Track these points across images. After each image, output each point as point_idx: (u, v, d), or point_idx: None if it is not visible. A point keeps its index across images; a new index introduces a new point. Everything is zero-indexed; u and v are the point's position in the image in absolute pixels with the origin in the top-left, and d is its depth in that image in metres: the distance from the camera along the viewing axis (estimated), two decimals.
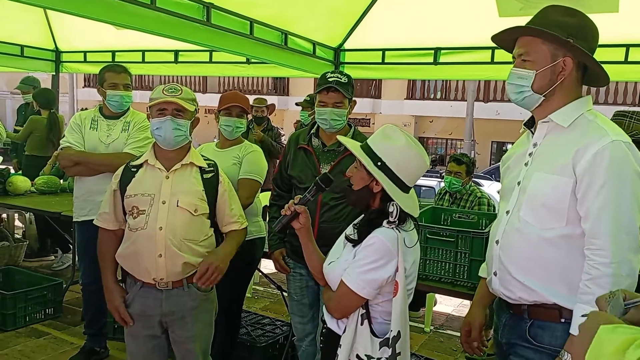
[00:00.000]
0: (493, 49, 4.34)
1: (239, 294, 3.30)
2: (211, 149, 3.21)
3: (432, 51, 4.62)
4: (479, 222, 3.41)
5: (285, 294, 3.37)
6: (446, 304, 5.29)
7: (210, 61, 5.64)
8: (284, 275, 2.97)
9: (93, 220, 2.51)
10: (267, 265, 4.50)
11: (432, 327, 4.69)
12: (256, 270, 3.75)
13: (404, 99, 18.93)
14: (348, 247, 1.85)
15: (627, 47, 3.85)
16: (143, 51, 5.82)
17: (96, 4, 2.95)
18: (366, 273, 1.74)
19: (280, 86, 20.43)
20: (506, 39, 1.86)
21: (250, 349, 3.51)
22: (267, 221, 3.09)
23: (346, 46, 5.04)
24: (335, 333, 1.86)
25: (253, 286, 5.48)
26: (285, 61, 4.57)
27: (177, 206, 2.29)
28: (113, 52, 5.97)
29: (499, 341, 1.92)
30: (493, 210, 4.40)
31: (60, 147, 3.52)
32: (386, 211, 1.77)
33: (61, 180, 5.23)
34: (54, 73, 6.51)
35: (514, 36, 1.82)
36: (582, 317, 1.57)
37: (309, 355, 2.91)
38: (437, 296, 4.87)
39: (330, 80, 2.66)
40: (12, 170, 5.77)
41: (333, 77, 2.67)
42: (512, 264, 1.79)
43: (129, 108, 3.45)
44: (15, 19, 5.55)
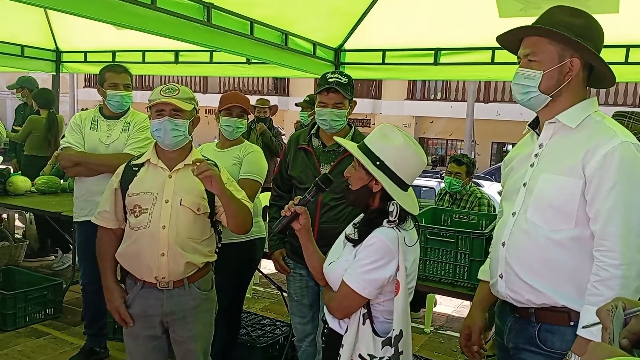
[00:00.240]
0: (493, 50, 4.34)
1: (239, 294, 3.30)
2: (211, 149, 3.21)
3: (433, 52, 4.62)
4: (479, 223, 3.41)
5: (285, 295, 3.37)
6: (446, 305, 5.29)
7: (210, 61, 5.64)
8: (284, 275, 2.97)
9: (91, 220, 2.51)
10: (267, 265, 4.50)
11: (432, 328, 4.69)
12: (256, 270, 3.74)
13: (404, 100, 18.93)
14: (348, 247, 1.85)
15: (628, 48, 3.84)
16: (143, 51, 5.81)
17: (97, 4, 2.95)
18: (367, 273, 1.74)
19: (280, 86, 20.43)
20: (511, 39, 1.85)
21: (250, 350, 3.51)
22: (267, 221, 3.09)
23: (346, 46, 5.04)
24: (337, 333, 1.86)
25: (253, 286, 5.47)
26: (285, 61, 4.57)
27: (180, 205, 2.29)
28: (113, 52, 5.97)
29: (505, 345, 1.89)
30: (493, 211, 4.40)
31: (60, 148, 3.52)
32: (386, 210, 1.77)
33: (61, 180, 5.23)
34: (55, 73, 6.51)
35: (520, 36, 1.80)
36: (584, 329, 1.55)
37: (309, 355, 2.91)
38: (437, 297, 4.87)
39: (330, 80, 2.66)
40: (12, 170, 5.78)
41: (333, 78, 2.66)
42: (520, 266, 1.77)
43: (129, 108, 3.45)
44: (15, 19, 5.55)
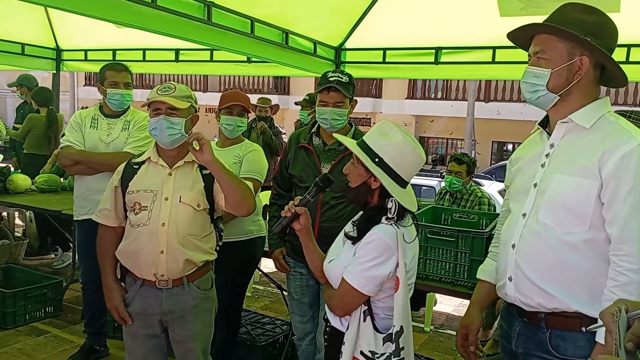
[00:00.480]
0: (494, 49, 4.34)
1: (239, 293, 3.30)
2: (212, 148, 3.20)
3: (433, 51, 4.61)
4: (480, 222, 3.41)
5: (285, 293, 3.37)
6: (446, 304, 5.29)
7: (211, 60, 5.63)
8: (284, 274, 2.97)
9: (92, 218, 2.51)
10: (267, 264, 4.50)
11: (432, 327, 4.69)
12: (256, 269, 3.74)
13: (405, 99, 18.94)
14: (348, 245, 1.86)
15: (629, 47, 3.83)
16: (144, 50, 5.81)
17: (97, 3, 2.95)
18: (367, 270, 1.74)
19: (280, 85, 20.43)
20: (522, 37, 1.81)
21: (250, 348, 3.51)
22: (267, 220, 3.09)
23: (347, 45, 5.04)
24: (339, 331, 1.87)
25: (253, 285, 5.47)
26: (286, 60, 4.57)
27: (180, 202, 2.29)
28: (114, 51, 5.96)
29: (513, 350, 1.85)
30: (494, 210, 4.40)
31: (60, 146, 3.52)
32: (385, 207, 1.77)
33: (61, 178, 5.24)
34: (55, 71, 6.50)
35: (530, 33, 1.78)
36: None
37: (309, 354, 2.91)
38: (437, 296, 4.87)
39: (331, 79, 2.65)
40: (12, 168, 5.78)
41: (334, 77, 2.66)
42: (531, 269, 1.72)
43: (130, 107, 3.45)
44: (16, 17, 5.55)
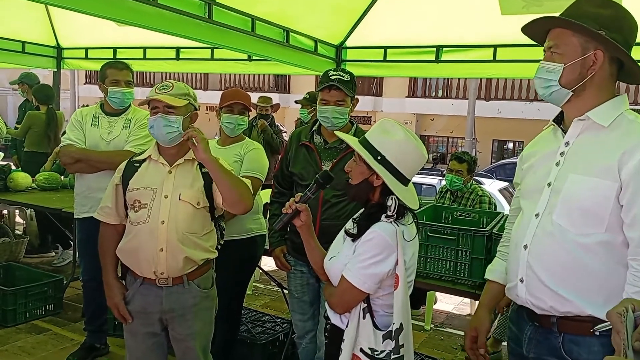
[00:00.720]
0: (495, 47, 4.33)
1: (240, 291, 3.30)
2: (212, 146, 3.17)
3: (434, 49, 4.61)
4: (480, 221, 3.41)
5: (285, 292, 3.37)
6: (446, 302, 5.29)
7: (211, 58, 5.64)
8: (285, 272, 2.97)
9: (93, 216, 2.51)
10: (268, 262, 4.50)
11: (433, 325, 4.69)
12: (257, 267, 3.75)
13: (406, 97, 18.94)
14: (348, 242, 1.86)
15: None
16: (144, 48, 5.81)
17: (98, 1, 2.95)
18: (367, 268, 1.75)
19: (281, 84, 20.41)
20: (538, 32, 1.75)
21: (250, 346, 3.51)
22: (268, 218, 3.09)
23: (348, 44, 5.03)
24: (339, 328, 1.87)
25: (253, 283, 5.48)
26: (286, 58, 4.57)
27: (180, 200, 2.29)
28: (114, 49, 5.97)
29: (524, 354, 1.80)
30: (494, 208, 4.40)
31: (61, 144, 3.52)
32: (385, 205, 1.77)
33: (62, 176, 5.24)
34: (55, 69, 6.51)
35: (544, 28, 1.72)
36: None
37: (309, 352, 2.91)
38: (438, 294, 4.87)
39: (332, 78, 2.65)
40: (13, 166, 5.78)
41: (335, 75, 2.66)
42: (545, 271, 1.66)
43: (131, 105, 3.45)
44: (16, 16, 5.56)
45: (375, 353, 1.77)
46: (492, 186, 8.64)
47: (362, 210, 1.92)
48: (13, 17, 5.52)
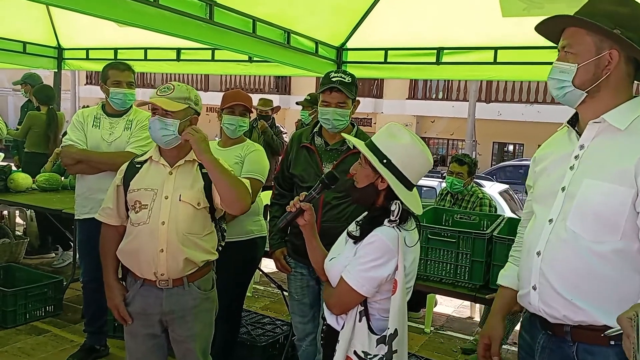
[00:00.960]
0: (496, 50, 4.34)
1: (240, 293, 3.29)
2: (213, 148, 3.16)
3: (435, 51, 4.62)
4: (481, 223, 3.41)
5: (285, 294, 3.37)
6: (447, 305, 5.28)
7: (212, 59, 5.64)
8: (285, 274, 2.96)
9: (94, 217, 2.51)
10: (268, 264, 4.49)
11: (433, 328, 4.68)
12: (257, 269, 3.74)
13: (406, 99, 18.94)
14: (349, 244, 1.86)
15: None
16: (145, 49, 5.81)
17: (99, 1, 2.95)
18: (366, 271, 1.75)
19: (282, 85, 20.42)
20: (551, 30, 1.69)
21: (250, 348, 3.51)
22: (268, 220, 3.09)
23: (349, 45, 5.04)
24: (334, 330, 1.87)
25: (253, 285, 5.47)
26: (287, 60, 4.57)
27: (180, 200, 2.29)
28: (115, 50, 5.97)
29: None
30: (495, 211, 4.40)
31: (62, 145, 3.52)
32: (389, 209, 1.77)
33: (62, 177, 5.24)
34: (56, 70, 6.51)
35: (560, 27, 1.66)
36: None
37: (309, 354, 2.90)
38: (438, 297, 4.86)
39: (333, 80, 2.65)
40: (14, 167, 5.78)
41: (336, 77, 2.65)
42: (558, 279, 1.61)
43: (132, 106, 3.44)
44: (17, 16, 5.56)
45: (368, 357, 1.77)
46: (493, 188, 8.64)
47: (366, 213, 1.92)
48: (14, 18, 5.52)
